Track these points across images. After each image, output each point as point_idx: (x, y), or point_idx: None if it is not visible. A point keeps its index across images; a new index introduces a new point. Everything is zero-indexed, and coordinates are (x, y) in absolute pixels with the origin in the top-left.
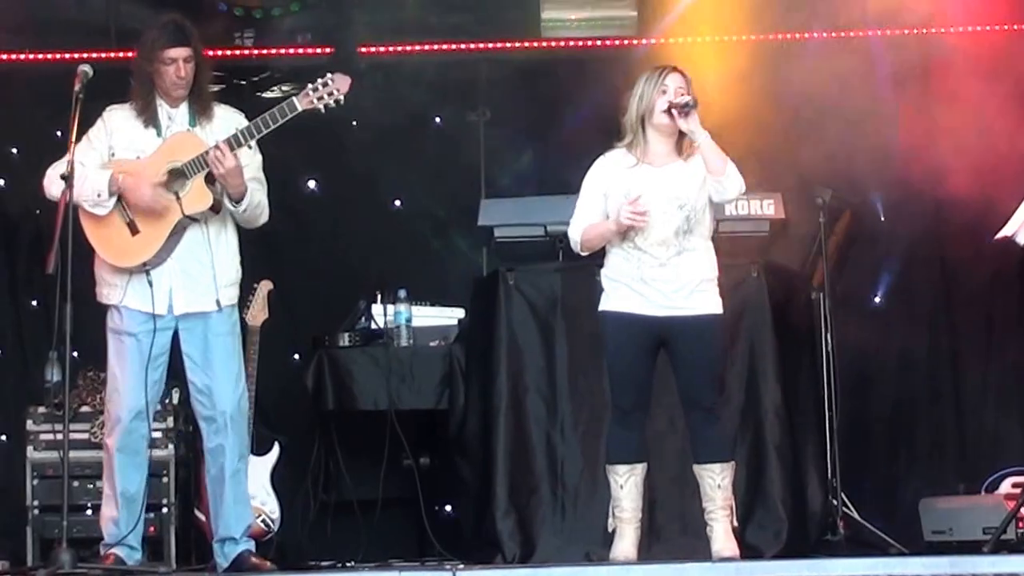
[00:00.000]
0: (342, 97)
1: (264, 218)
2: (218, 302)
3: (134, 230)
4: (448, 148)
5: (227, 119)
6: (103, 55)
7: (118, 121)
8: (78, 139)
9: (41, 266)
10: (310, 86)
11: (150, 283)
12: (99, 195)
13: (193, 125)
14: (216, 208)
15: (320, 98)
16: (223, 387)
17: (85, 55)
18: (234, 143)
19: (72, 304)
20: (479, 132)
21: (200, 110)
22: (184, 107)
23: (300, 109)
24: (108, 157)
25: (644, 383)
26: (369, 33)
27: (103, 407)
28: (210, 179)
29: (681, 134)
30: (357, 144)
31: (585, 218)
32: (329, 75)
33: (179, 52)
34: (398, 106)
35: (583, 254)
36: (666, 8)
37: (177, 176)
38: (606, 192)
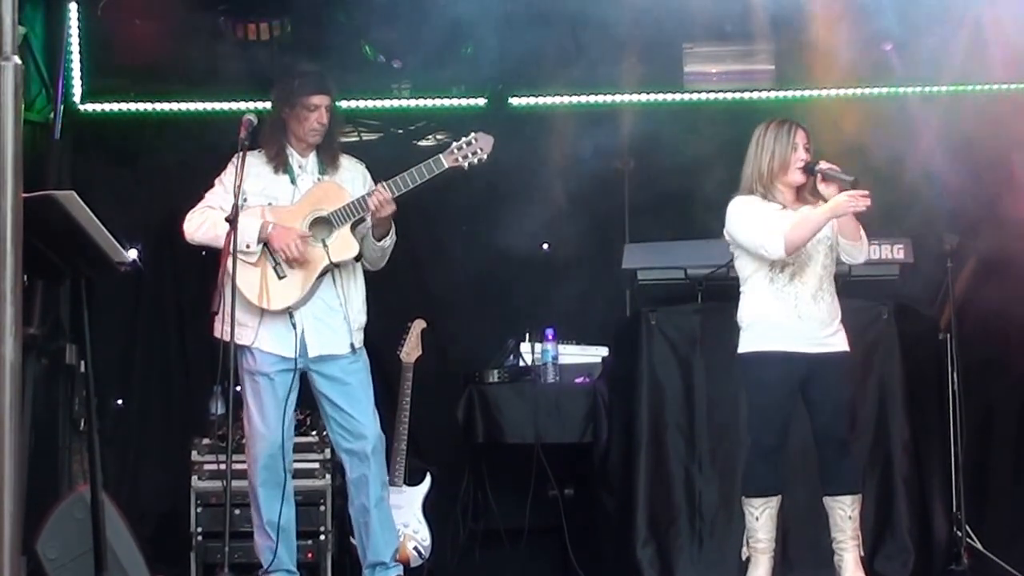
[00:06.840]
0: (485, 156)
1: (387, 258)
2: (352, 345)
3: (280, 274)
4: (594, 195)
5: (352, 169)
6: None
7: (248, 167)
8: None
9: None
10: (455, 144)
11: (294, 325)
12: (248, 245)
13: (322, 173)
14: (359, 256)
15: (465, 156)
16: (363, 419)
17: (251, 105)
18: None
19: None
20: (624, 179)
21: (328, 160)
22: (313, 156)
23: (446, 166)
24: (242, 203)
25: (787, 421)
26: (519, 84)
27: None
28: (353, 228)
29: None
30: (508, 190)
31: (770, 225)
32: (473, 134)
33: (322, 99)
34: (546, 154)
35: (784, 256)
36: (802, 63)
37: (322, 224)
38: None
